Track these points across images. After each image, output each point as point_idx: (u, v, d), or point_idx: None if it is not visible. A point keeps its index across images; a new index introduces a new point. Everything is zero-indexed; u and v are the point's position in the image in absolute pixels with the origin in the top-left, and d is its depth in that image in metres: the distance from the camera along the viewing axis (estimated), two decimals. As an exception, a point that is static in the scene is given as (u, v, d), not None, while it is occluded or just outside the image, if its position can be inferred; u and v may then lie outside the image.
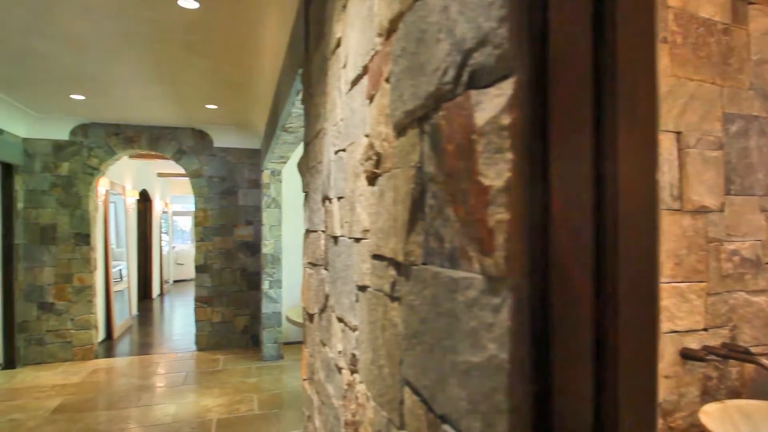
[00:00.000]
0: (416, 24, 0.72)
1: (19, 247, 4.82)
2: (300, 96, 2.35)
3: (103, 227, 5.75)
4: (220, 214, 5.52)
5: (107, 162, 5.18)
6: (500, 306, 0.53)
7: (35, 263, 4.93)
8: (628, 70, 0.54)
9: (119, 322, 6.23)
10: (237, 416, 3.65)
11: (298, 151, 4.79)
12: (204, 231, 5.49)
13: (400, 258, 0.79)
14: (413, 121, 0.74)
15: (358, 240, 1.09)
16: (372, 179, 0.97)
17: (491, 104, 0.53)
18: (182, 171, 7.05)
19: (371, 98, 0.97)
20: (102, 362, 5.06)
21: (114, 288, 6.07)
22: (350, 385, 1.22)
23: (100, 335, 5.64)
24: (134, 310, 7.45)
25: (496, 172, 0.52)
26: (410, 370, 0.79)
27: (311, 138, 1.78)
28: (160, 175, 9.48)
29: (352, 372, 1.20)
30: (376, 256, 0.95)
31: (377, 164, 0.92)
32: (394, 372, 0.87)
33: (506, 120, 0.50)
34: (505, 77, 0.52)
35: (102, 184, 5.61)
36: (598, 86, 0.53)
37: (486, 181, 0.53)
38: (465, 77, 0.58)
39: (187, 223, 15.81)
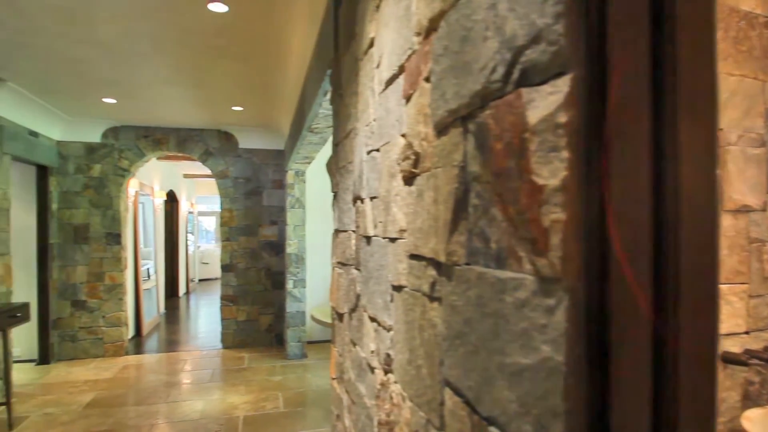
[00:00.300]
0: (460, 22, 0.71)
1: (53, 246, 4.98)
2: (328, 97, 2.37)
3: (132, 227, 5.90)
4: (245, 214, 5.60)
5: (137, 163, 5.31)
6: (555, 307, 0.52)
7: (69, 262, 5.09)
8: (688, 65, 0.52)
9: (148, 320, 6.38)
10: (263, 414, 3.69)
11: (323, 152, 4.83)
12: (229, 231, 5.58)
13: (442, 258, 0.79)
14: (456, 120, 0.73)
15: (393, 240, 1.09)
16: (409, 179, 0.97)
17: (545, 102, 0.52)
18: (207, 172, 7.18)
19: (408, 98, 0.97)
20: (132, 359, 5.19)
21: (142, 286, 6.22)
22: (384, 384, 1.22)
23: (130, 332, 5.79)
24: (162, 308, 7.63)
25: (551, 171, 0.51)
26: (452, 371, 0.78)
27: (341, 138, 1.79)
28: (186, 176, 9.68)
29: (386, 372, 1.20)
30: (414, 256, 0.95)
31: (415, 164, 0.92)
32: (433, 372, 0.87)
33: (562, 118, 0.50)
34: (560, 74, 0.51)
35: (132, 185, 5.76)
36: (657, 82, 0.52)
37: (540, 181, 0.52)
38: (515, 75, 0.57)
39: (211, 223, 16.13)
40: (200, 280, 12.21)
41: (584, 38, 0.50)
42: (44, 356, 4.94)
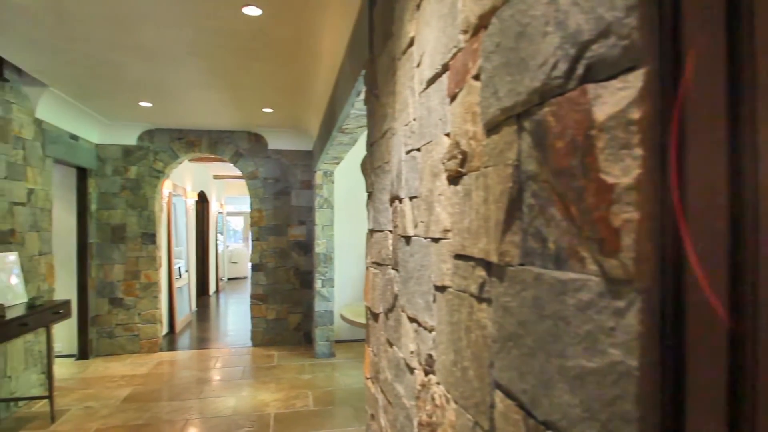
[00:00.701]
0: (515, 18, 0.70)
1: (92, 245, 5.16)
2: (361, 97, 2.37)
3: (166, 227, 6.06)
4: (274, 214, 5.68)
5: (171, 165, 5.45)
6: (625, 310, 0.50)
7: (106, 261, 5.26)
8: (767, 58, 0.50)
9: (180, 318, 6.54)
10: (293, 411, 3.73)
11: (352, 152, 4.85)
12: (259, 231, 5.67)
13: (494, 258, 0.78)
14: (510, 118, 0.72)
15: (436, 240, 1.08)
16: (455, 178, 0.96)
17: (614, 98, 0.51)
18: (236, 173, 7.30)
19: (453, 96, 0.96)
20: (166, 355, 5.33)
21: (175, 285, 6.38)
22: (424, 385, 1.22)
23: (164, 329, 5.94)
24: (193, 306, 7.80)
25: (622, 169, 0.49)
26: (503, 373, 0.77)
27: (376, 138, 1.79)
28: (215, 177, 9.88)
29: (427, 373, 1.19)
30: (461, 257, 0.94)
31: (462, 163, 0.91)
32: (481, 374, 0.86)
33: (635, 114, 0.48)
34: (631, 69, 0.49)
35: (166, 186, 5.91)
36: (733, 75, 0.50)
37: (609, 179, 0.51)
38: (580, 71, 0.56)
39: (239, 223, 16.44)
40: (229, 279, 12.45)
41: (657, 31, 0.48)
42: (83, 351, 5.12)
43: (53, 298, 4.23)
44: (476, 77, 0.84)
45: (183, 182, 7.26)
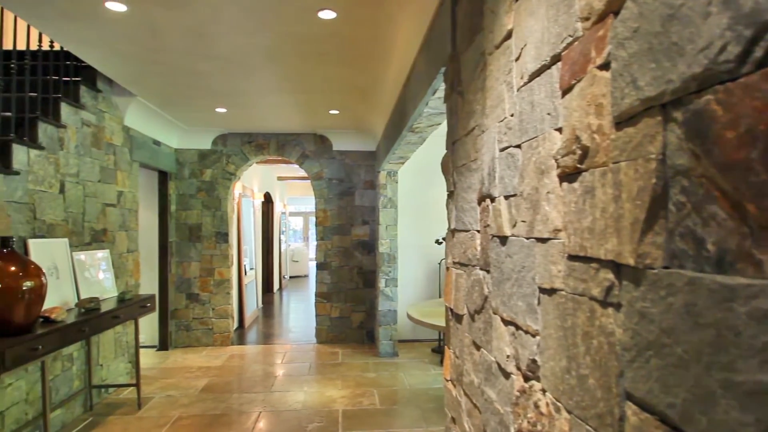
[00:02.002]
0: None
1: (172, 244, 5.50)
2: (437, 95, 2.34)
3: (236, 226, 6.33)
4: (338, 214, 5.78)
5: (242, 168, 5.69)
6: (830, 321, 0.44)
7: (184, 258, 5.58)
8: None
9: (248, 313, 6.82)
10: (360, 409, 3.76)
11: (416, 152, 4.82)
12: (324, 230, 5.79)
13: (629, 261, 0.72)
14: (651, 108, 0.67)
15: (544, 240, 1.04)
16: (570, 175, 0.91)
17: (812, 80, 0.45)
18: (298, 174, 7.49)
19: (569, 89, 0.91)
20: (236, 349, 5.57)
21: (244, 282, 6.66)
22: (524, 392, 1.17)
23: (235, 324, 6.22)
24: (259, 303, 8.11)
25: (829, 160, 0.43)
26: (639, 384, 0.71)
27: (460, 136, 1.76)
28: (279, 178, 10.23)
29: (528, 378, 1.15)
30: (578, 258, 0.89)
31: (582, 159, 0.86)
32: (608, 384, 0.80)
33: None
34: (838, 47, 0.43)
35: (236, 188, 6.18)
36: None
37: (810, 172, 0.45)
38: (758, 53, 0.50)
39: (299, 223, 16.93)
40: (291, 277, 12.85)
41: None
42: (163, 343, 5.46)
43: (139, 292, 4.54)
44: (602, 67, 0.79)
45: (251, 184, 7.56)
